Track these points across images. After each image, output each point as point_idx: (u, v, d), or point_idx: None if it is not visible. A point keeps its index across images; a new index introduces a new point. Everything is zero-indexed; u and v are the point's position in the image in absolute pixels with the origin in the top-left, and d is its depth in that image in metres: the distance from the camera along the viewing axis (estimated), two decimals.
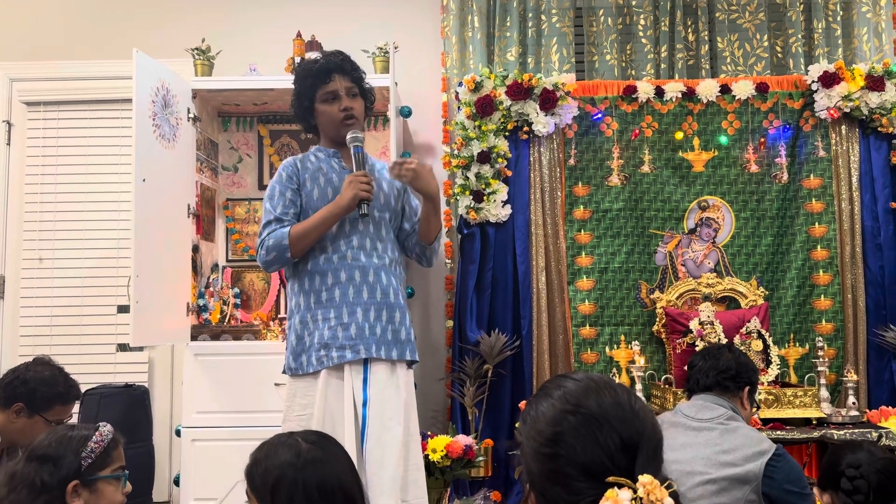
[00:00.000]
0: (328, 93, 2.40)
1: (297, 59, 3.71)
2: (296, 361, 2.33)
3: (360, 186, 2.27)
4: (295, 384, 2.33)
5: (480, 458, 3.20)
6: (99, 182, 4.07)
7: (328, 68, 2.40)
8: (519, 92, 3.69)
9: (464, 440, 3.10)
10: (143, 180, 3.16)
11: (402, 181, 2.39)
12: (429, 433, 3.13)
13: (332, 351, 2.26)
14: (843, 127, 3.77)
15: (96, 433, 1.75)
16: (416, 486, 2.29)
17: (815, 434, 3.08)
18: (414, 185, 2.40)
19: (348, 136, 2.37)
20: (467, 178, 3.70)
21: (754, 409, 2.43)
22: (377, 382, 2.25)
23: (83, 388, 2.72)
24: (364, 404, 2.22)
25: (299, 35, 3.81)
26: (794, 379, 3.59)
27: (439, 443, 3.03)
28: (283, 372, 2.41)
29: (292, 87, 2.55)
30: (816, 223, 3.77)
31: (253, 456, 1.53)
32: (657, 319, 3.68)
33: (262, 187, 4.00)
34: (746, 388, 2.35)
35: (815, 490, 1.90)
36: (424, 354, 4.04)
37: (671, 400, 3.24)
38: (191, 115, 3.59)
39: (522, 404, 2.89)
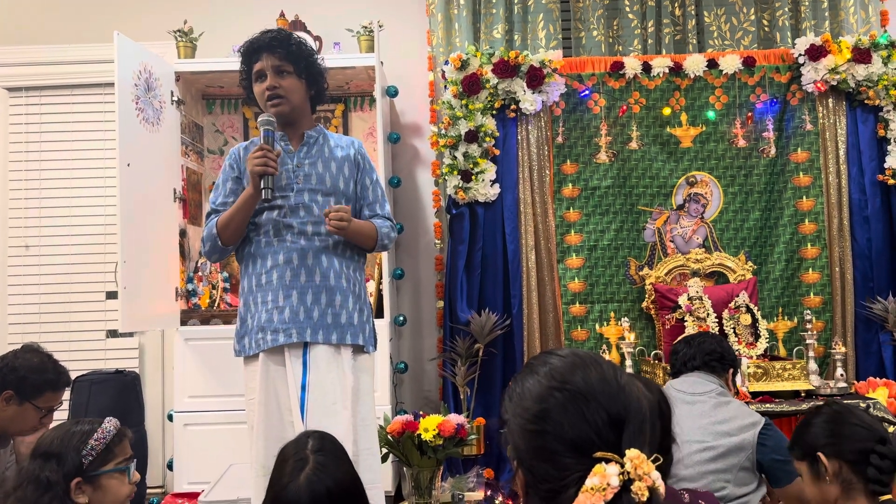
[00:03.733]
0: (256, 73, 2.34)
1: None
2: (239, 344, 2.33)
3: (252, 162, 2.20)
4: (245, 368, 2.32)
5: (472, 437, 3.21)
6: (84, 167, 4.04)
7: (257, 47, 2.32)
8: (506, 70, 3.66)
9: (456, 419, 3.11)
10: (128, 165, 3.14)
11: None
12: (421, 413, 3.14)
13: (267, 334, 2.24)
14: (830, 100, 3.76)
15: (99, 429, 1.76)
16: (370, 471, 2.26)
17: (804, 406, 3.10)
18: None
19: (259, 119, 2.29)
20: (455, 157, 3.68)
21: (735, 391, 2.57)
22: (317, 367, 2.22)
23: (73, 375, 2.71)
24: (303, 388, 2.20)
25: (283, 15, 3.77)
26: (782, 352, 3.62)
27: (431, 422, 3.04)
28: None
29: None
30: (804, 197, 3.78)
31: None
32: (646, 296, 3.70)
33: None
34: (730, 370, 2.49)
35: (821, 457, 1.80)
36: (416, 335, 4.06)
37: (661, 375, 3.26)
38: (174, 98, 3.55)
39: None
